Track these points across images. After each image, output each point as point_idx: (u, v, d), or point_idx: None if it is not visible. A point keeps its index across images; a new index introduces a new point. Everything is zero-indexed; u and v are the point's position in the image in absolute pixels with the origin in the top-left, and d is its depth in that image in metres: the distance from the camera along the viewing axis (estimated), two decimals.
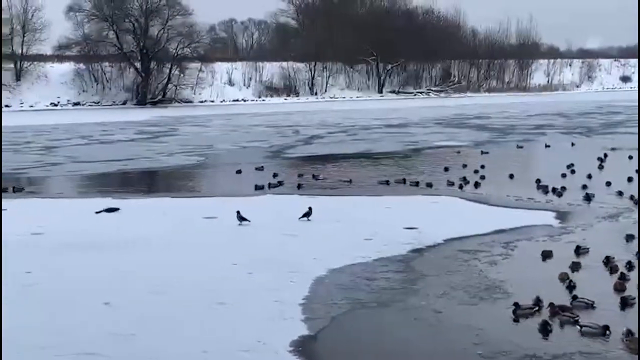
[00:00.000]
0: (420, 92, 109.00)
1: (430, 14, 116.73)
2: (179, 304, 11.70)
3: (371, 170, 29.00)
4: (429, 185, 24.30)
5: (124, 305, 11.62)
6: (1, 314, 10.63)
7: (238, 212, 17.94)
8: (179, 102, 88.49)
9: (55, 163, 32.37)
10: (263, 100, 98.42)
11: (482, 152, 34.51)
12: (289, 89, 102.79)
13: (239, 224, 17.78)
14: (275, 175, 26.58)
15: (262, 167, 29.37)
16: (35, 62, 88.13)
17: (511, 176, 26.06)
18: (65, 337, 10.25)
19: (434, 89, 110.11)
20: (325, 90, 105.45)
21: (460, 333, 10.62)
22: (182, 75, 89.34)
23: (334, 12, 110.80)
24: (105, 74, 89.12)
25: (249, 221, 17.79)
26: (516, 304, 11.41)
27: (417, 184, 24.59)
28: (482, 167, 28.31)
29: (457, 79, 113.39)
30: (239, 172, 28.45)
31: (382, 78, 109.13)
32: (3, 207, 20.27)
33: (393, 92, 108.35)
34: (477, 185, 24.09)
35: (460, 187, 23.82)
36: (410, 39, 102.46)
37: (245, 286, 12.64)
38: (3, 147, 39.24)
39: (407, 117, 62.22)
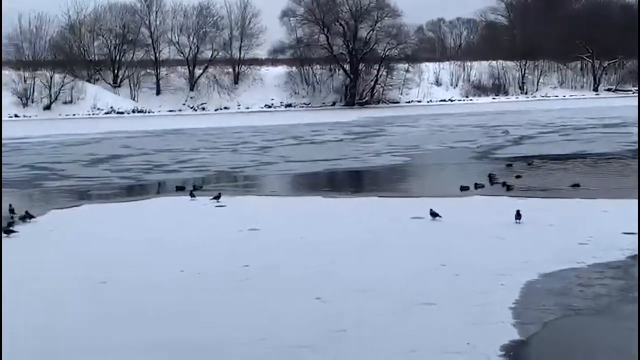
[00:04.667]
0: None
1: None
2: (386, 302, 11.82)
3: (584, 172, 27.71)
4: None
5: (334, 301, 11.91)
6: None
7: (431, 210, 18.30)
8: (386, 103, 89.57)
9: (268, 162, 33.85)
10: (471, 100, 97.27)
11: None
12: (497, 88, 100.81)
13: (432, 219, 18.02)
14: (491, 176, 25.75)
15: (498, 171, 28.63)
16: (251, 66, 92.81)
17: None
18: (280, 330, 10.69)
19: None
20: (537, 89, 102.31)
21: None
22: (389, 76, 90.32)
23: (546, 7, 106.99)
24: (315, 76, 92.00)
25: (441, 217, 17.99)
26: None
27: None
28: None
29: None
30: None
31: (597, 76, 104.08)
32: (222, 204, 21.54)
33: (609, 90, 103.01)
34: None
35: None
36: (629, 33, 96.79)
37: (453, 288, 12.53)
38: (224, 147, 41.72)
39: (625, 116, 58.80)
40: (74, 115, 78.08)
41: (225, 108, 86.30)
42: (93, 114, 79.42)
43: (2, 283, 12.55)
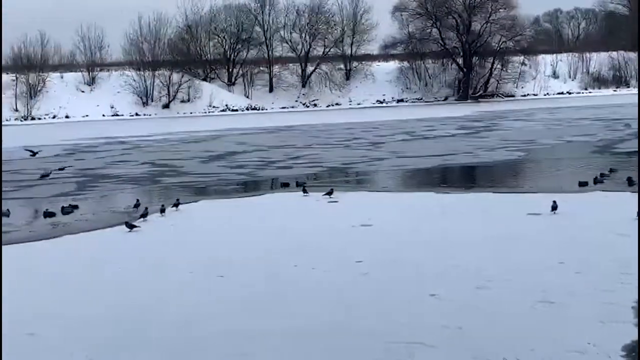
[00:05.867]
0: None
1: None
2: (504, 299, 11.62)
3: None
4: None
5: (450, 298, 11.80)
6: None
7: (554, 202, 18.17)
8: (500, 97, 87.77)
9: (380, 158, 33.80)
10: (589, 92, 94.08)
11: None
12: (618, 80, 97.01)
13: (551, 213, 17.88)
14: (612, 170, 24.79)
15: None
16: (363, 62, 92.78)
17: None
18: (393, 325, 10.69)
19: None
20: None
21: None
22: (504, 69, 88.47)
23: None
24: (427, 70, 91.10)
25: (557, 212, 17.92)
26: None
27: None
28: None
29: None
30: None
31: None
32: (334, 200, 21.68)
33: None
34: None
35: None
36: None
37: (574, 286, 12.17)
38: (336, 142, 41.95)
39: None
40: (191, 113, 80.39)
41: (337, 104, 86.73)
42: (209, 112, 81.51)
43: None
